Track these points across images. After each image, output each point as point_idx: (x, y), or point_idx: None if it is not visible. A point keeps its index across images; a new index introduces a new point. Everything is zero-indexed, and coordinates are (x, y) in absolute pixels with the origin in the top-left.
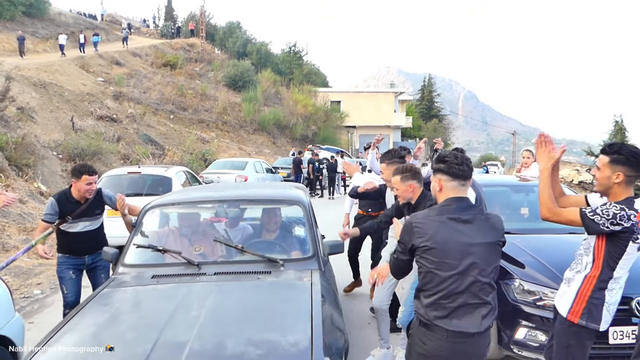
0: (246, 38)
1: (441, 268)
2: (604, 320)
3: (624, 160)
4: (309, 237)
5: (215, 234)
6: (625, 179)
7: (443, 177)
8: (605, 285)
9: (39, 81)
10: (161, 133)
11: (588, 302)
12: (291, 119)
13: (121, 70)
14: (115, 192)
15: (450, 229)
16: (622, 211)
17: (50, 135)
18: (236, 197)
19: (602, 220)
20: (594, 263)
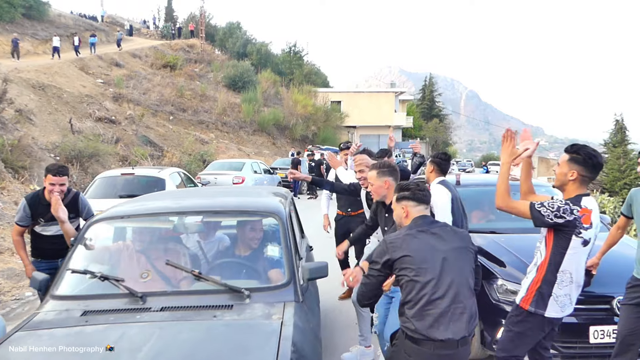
0: (246, 38)
1: (420, 274)
2: (551, 309)
3: (580, 160)
4: (285, 259)
5: (180, 250)
6: (580, 177)
7: (409, 203)
8: (553, 278)
9: (37, 83)
10: (160, 134)
11: (537, 290)
12: (291, 120)
13: (121, 72)
14: (111, 194)
15: (421, 239)
16: (567, 205)
17: (48, 138)
18: (199, 207)
19: (547, 212)
20: (544, 256)
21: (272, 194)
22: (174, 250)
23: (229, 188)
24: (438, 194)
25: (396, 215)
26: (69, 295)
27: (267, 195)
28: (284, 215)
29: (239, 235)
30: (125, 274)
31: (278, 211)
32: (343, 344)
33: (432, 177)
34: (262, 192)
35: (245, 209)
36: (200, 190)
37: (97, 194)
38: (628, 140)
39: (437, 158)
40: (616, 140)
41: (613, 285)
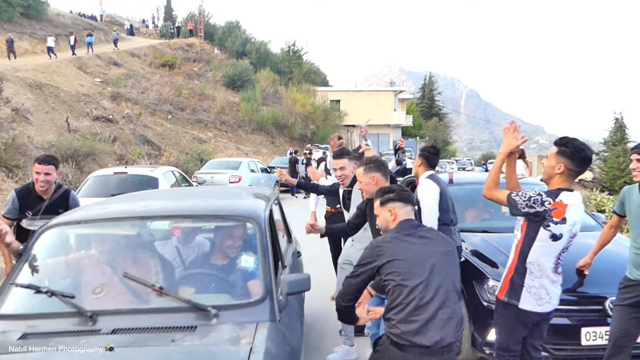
0: (245, 37)
1: (408, 277)
2: (525, 301)
3: (568, 154)
4: (261, 271)
5: (150, 259)
6: (566, 171)
7: (396, 204)
8: (523, 268)
9: (34, 82)
10: (158, 133)
11: (510, 280)
12: (290, 119)
13: (119, 71)
14: (104, 193)
15: (409, 242)
16: (538, 196)
17: (45, 137)
18: (166, 211)
19: (519, 200)
20: (516, 247)
21: (253, 196)
22: (143, 259)
23: (209, 189)
24: (425, 189)
25: (382, 220)
26: (10, 315)
27: (246, 197)
28: (262, 220)
29: (216, 242)
30: (79, 288)
31: (255, 215)
32: (334, 345)
33: (421, 171)
34: (242, 193)
35: (217, 212)
36: (175, 191)
37: (89, 193)
38: (628, 138)
39: (425, 152)
40: (616, 139)
41: (606, 285)
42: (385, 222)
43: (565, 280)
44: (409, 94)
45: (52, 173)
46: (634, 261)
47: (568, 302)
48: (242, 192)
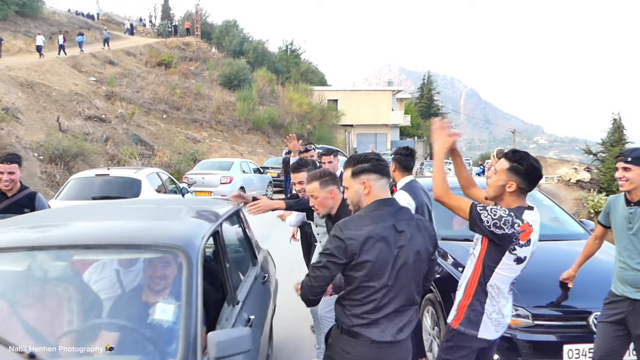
0: (243, 36)
1: (374, 279)
2: (484, 329)
3: (522, 172)
4: (182, 328)
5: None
6: (518, 190)
7: (371, 176)
8: (484, 293)
9: (26, 81)
10: (151, 133)
11: (468, 308)
12: (286, 118)
13: (114, 70)
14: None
15: (384, 241)
16: (510, 217)
17: (35, 136)
18: (63, 241)
19: (487, 218)
20: (474, 269)
21: (196, 214)
22: (28, 303)
23: (144, 204)
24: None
25: (353, 193)
26: None
27: (184, 216)
28: (194, 251)
29: (137, 279)
30: None
31: (185, 244)
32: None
33: (397, 176)
34: (183, 211)
35: (132, 241)
36: (93, 208)
37: (70, 196)
38: (626, 139)
39: (397, 154)
40: (614, 140)
41: (590, 299)
42: (357, 195)
43: (548, 294)
44: (408, 93)
45: (16, 172)
46: (619, 276)
47: (550, 317)
48: (186, 208)
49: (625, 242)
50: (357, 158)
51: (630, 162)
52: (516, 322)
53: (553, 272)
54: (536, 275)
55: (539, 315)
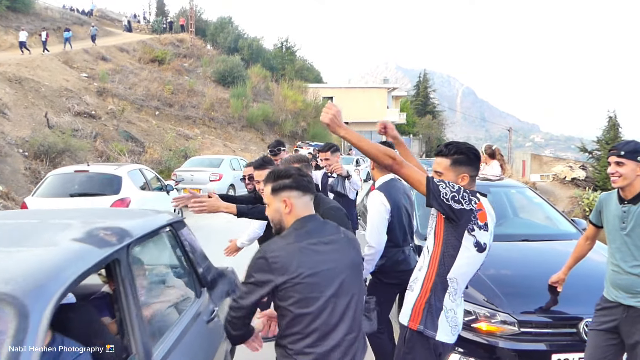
0: (237, 33)
1: (310, 304)
2: (442, 330)
3: (466, 161)
4: None
5: None
6: (470, 179)
7: (293, 193)
8: (443, 289)
9: (14, 76)
10: (142, 130)
11: (426, 303)
12: (280, 115)
13: (107, 66)
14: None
15: (314, 255)
16: (466, 193)
17: (21, 132)
18: None
19: (446, 190)
20: (431, 260)
21: (85, 235)
22: None
23: (26, 217)
24: (373, 204)
25: (273, 212)
26: None
27: (62, 239)
28: (37, 302)
29: None
30: None
31: (20, 292)
32: None
33: (376, 174)
34: (70, 228)
35: None
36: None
37: (47, 193)
38: (621, 137)
39: None
40: (609, 137)
41: (581, 305)
42: (277, 214)
43: (535, 299)
44: (404, 91)
45: None
46: (612, 280)
47: (537, 324)
48: (78, 225)
49: (618, 243)
50: (278, 173)
51: (623, 156)
52: (500, 329)
53: (541, 274)
54: (523, 278)
55: (526, 322)
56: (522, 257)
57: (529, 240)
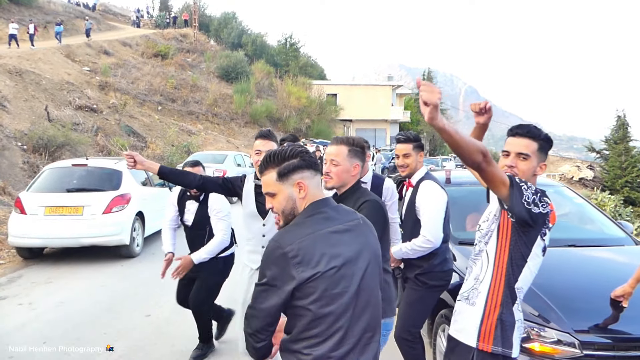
0: (241, 29)
1: (335, 301)
2: (516, 346)
3: (548, 148)
4: None
5: None
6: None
7: (305, 173)
8: (512, 300)
9: (14, 69)
10: (145, 124)
11: (498, 320)
12: (284, 112)
13: (109, 60)
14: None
15: (337, 245)
16: (539, 193)
17: (21, 125)
18: None
19: (527, 191)
20: (496, 266)
21: None
22: None
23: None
24: (429, 196)
25: (284, 202)
26: None
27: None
28: None
29: None
30: None
31: None
32: None
33: (419, 165)
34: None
35: None
36: None
37: (43, 187)
38: (630, 137)
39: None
40: (617, 137)
41: None
42: (290, 202)
43: (596, 315)
44: (408, 89)
45: None
46: None
47: (599, 345)
48: None
49: None
50: (282, 154)
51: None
52: (557, 351)
53: (599, 286)
54: (579, 290)
55: (588, 343)
56: (572, 265)
57: (575, 245)
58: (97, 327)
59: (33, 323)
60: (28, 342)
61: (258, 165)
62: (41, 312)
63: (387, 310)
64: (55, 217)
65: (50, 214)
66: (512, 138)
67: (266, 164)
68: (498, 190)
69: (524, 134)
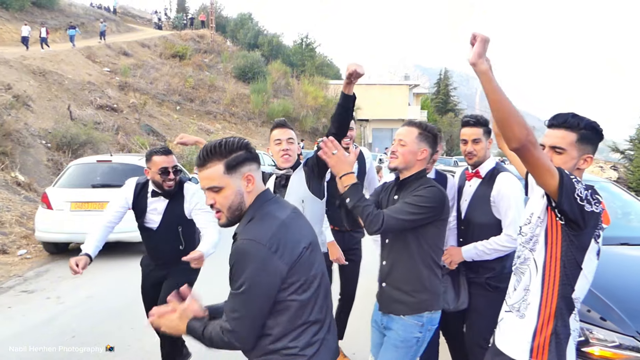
0: (257, 30)
1: (312, 284)
2: (569, 358)
3: (594, 139)
4: None
5: None
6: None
7: (253, 166)
8: (569, 311)
9: (38, 69)
10: (164, 124)
11: (553, 334)
12: (301, 111)
13: (129, 61)
14: (85, 183)
15: (299, 229)
16: (590, 189)
17: (45, 124)
18: None
19: (580, 188)
20: (546, 275)
21: None
22: None
23: None
24: (512, 189)
25: (232, 195)
26: None
27: None
28: None
29: None
30: None
31: None
32: None
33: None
34: None
35: None
36: None
37: (69, 183)
38: None
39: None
40: None
41: None
42: (238, 196)
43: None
44: (424, 88)
45: None
46: None
47: None
48: None
49: None
50: (229, 145)
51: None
52: (620, 356)
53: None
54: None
55: None
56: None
57: (628, 244)
58: (124, 322)
59: (61, 317)
60: (56, 335)
61: (281, 155)
62: (69, 307)
63: (434, 304)
64: (81, 213)
65: (76, 210)
66: (548, 130)
67: (209, 155)
68: (544, 181)
69: (560, 125)
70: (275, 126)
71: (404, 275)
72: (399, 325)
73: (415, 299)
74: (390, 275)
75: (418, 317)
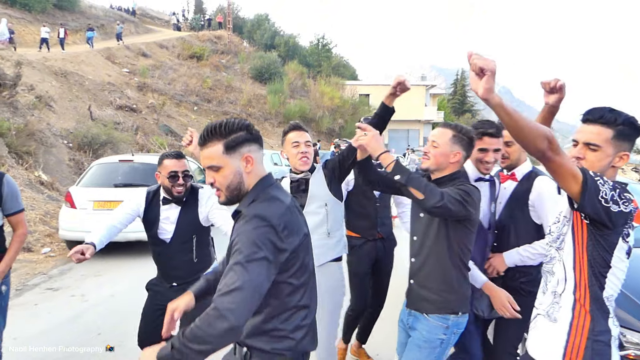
0: (274, 30)
1: (307, 268)
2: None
3: (632, 135)
4: None
5: None
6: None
7: (253, 147)
8: (605, 314)
9: (60, 70)
10: (182, 124)
11: (589, 339)
12: (317, 112)
13: (147, 62)
14: (107, 183)
15: (300, 215)
16: (619, 188)
17: (66, 124)
18: None
19: (604, 187)
20: (577, 276)
21: None
22: None
23: None
24: (549, 193)
25: (231, 175)
26: None
27: None
28: None
29: None
30: None
31: None
32: None
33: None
34: None
35: None
36: None
37: (92, 183)
38: None
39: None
40: None
41: None
42: (237, 176)
43: None
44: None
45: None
46: None
47: None
48: None
49: None
50: (229, 125)
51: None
52: None
53: None
54: None
55: None
56: None
57: None
58: None
59: (85, 315)
60: (82, 332)
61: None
62: (92, 304)
63: (462, 306)
64: (104, 212)
65: (98, 209)
66: (583, 125)
67: (210, 135)
68: (567, 185)
69: (596, 120)
70: (291, 129)
71: (433, 274)
72: (423, 326)
73: (442, 298)
74: (419, 273)
75: (443, 319)
